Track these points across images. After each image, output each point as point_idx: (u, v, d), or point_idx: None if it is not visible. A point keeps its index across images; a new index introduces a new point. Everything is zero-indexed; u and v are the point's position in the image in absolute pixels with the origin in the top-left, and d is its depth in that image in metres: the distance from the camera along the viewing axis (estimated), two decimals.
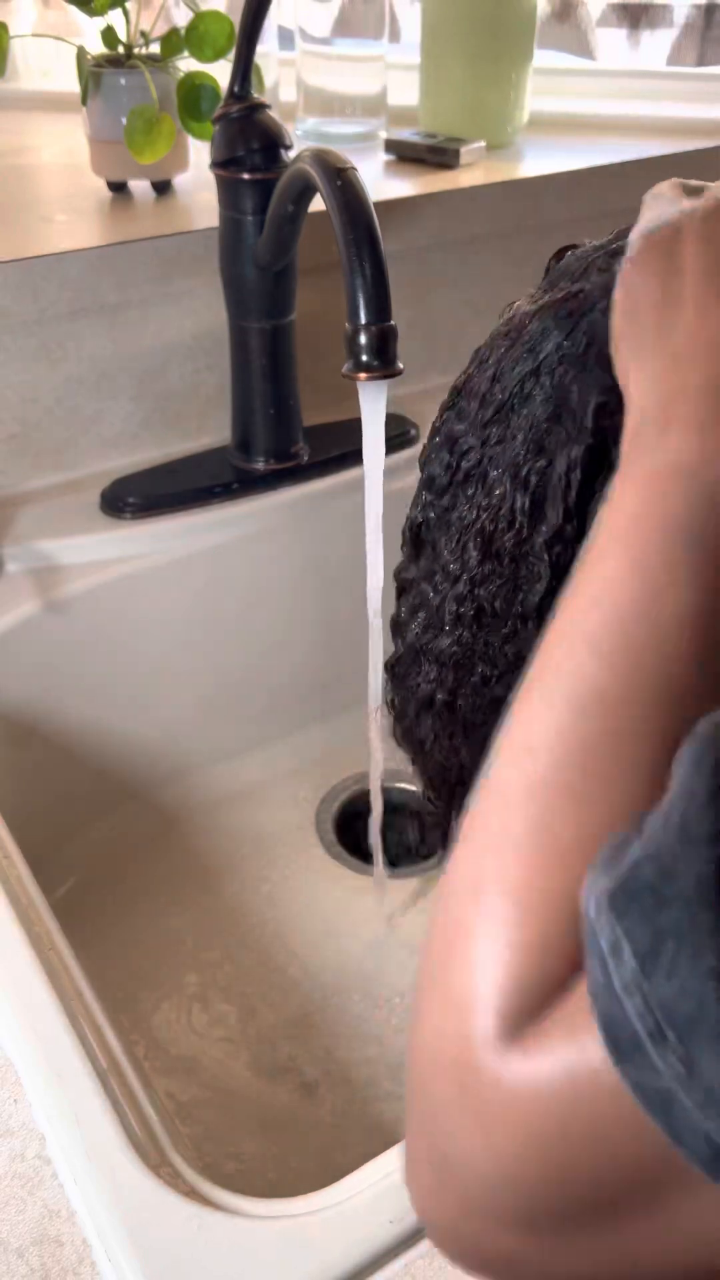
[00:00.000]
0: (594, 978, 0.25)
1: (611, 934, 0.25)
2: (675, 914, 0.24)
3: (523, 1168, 0.26)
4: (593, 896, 0.26)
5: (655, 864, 0.25)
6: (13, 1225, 0.39)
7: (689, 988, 0.23)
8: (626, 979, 0.24)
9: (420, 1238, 0.40)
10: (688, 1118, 0.23)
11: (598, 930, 0.25)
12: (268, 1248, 0.39)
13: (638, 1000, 0.24)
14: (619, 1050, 0.24)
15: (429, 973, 0.30)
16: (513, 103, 1.00)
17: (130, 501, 0.78)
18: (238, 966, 0.73)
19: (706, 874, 0.24)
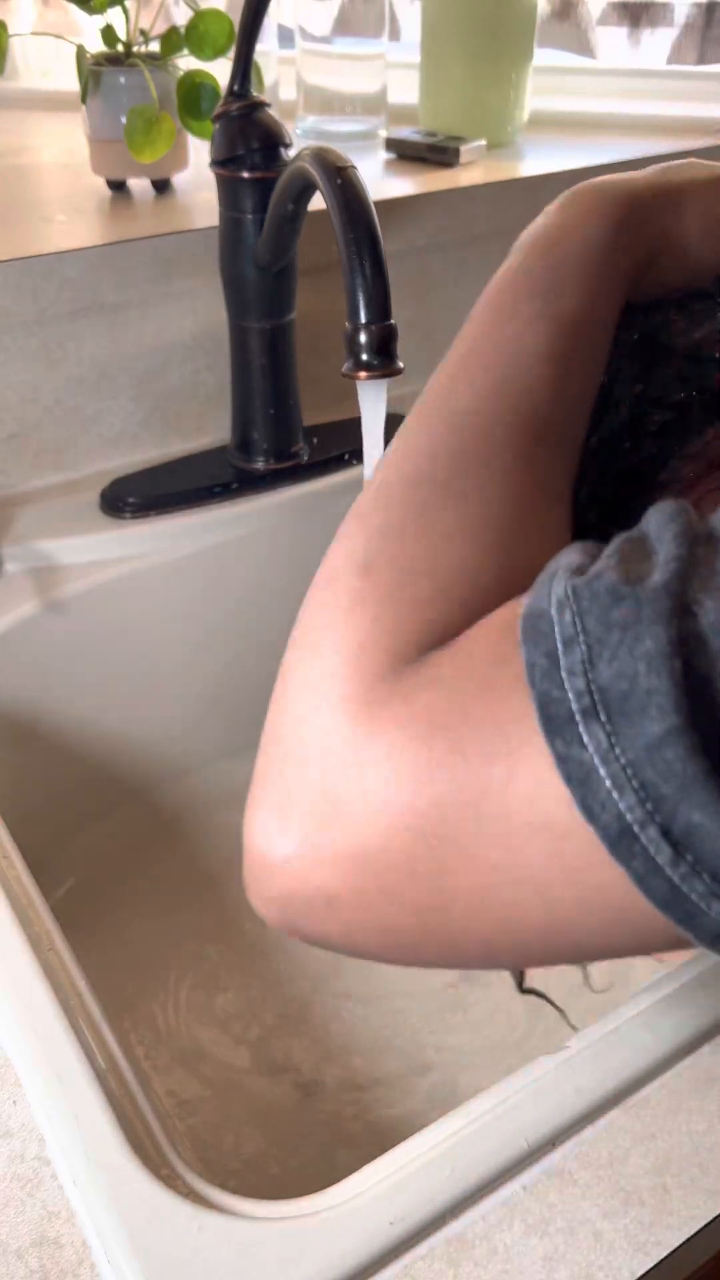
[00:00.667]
0: (534, 662, 0.26)
1: (571, 627, 0.26)
2: (626, 609, 0.25)
3: (382, 793, 0.27)
4: (551, 597, 0.27)
5: (620, 573, 0.26)
6: (12, 1226, 0.39)
7: (625, 669, 0.25)
8: (574, 664, 0.25)
9: (421, 1239, 0.40)
10: (602, 792, 0.24)
11: (556, 622, 0.26)
12: (268, 1248, 0.39)
13: (579, 681, 0.25)
14: (551, 723, 0.25)
15: (301, 639, 0.32)
16: (513, 102, 1.00)
17: (130, 501, 0.78)
18: (237, 967, 0.73)
19: (658, 580, 0.26)
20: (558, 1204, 0.41)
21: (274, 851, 0.29)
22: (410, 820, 0.27)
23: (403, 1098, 0.66)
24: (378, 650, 0.29)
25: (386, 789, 0.27)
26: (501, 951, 0.29)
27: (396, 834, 0.27)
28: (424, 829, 0.27)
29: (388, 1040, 0.69)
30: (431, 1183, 0.41)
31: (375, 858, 0.27)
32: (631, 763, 0.24)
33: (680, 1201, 0.41)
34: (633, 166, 0.91)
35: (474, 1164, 0.41)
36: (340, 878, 0.28)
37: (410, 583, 0.30)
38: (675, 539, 0.27)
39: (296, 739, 0.30)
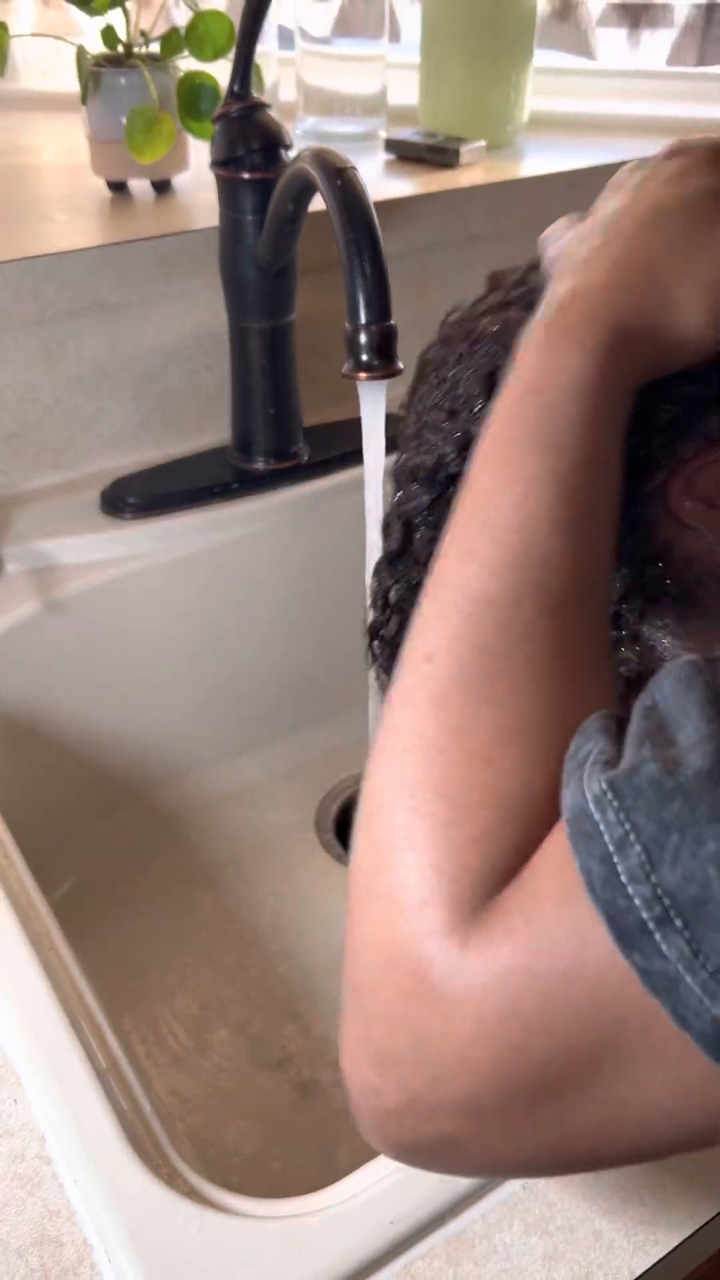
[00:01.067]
0: (589, 868, 0.26)
1: (620, 827, 0.25)
2: (678, 806, 0.25)
3: (477, 1053, 0.27)
4: (587, 793, 0.26)
5: (658, 762, 0.26)
6: (13, 1225, 0.39)
7: (693, 874, 0.24)
8: (634, 870, 0.25)
9: (421, 1237, 0.40)
10: (693, 1000, 0.24)
11: (602, 825, 0.26)
12: (268, 1248, 0.39)
13: (644, 889, 0.25)
14: (625, 938, 0.25)
15: (365, 882, 0.30)
16: (513, 102, 1.00)
17: (130, 501, 0.78)
18: (238, 966, 0.73)
19: (702, 768, 0.25)
20: (557, 1203, 0.41)
21: (383, 1107, 0.29)
22: (512, 1076, 0.27)
23: None
24: (444, 904, 0.28)
25: (483, 1051, 0.27)
26: (639, 1158, 0.29)
27: (504, 1088, 0.27)
28: (529, 1084, 0.27)
29: None
30: (431, 1181, 0.41)
31: (487, 1108, 0.27)
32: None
33: (680, 1201, 0.41)
34: None
35: None
36: (455, 1125, 0.28)
37: (463, 818, 0.29)
38: (701, 710, 0.26)
39: (380, 999, 0.29)
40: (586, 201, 0.49)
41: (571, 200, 0.48)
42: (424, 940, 0.28)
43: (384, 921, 0.29)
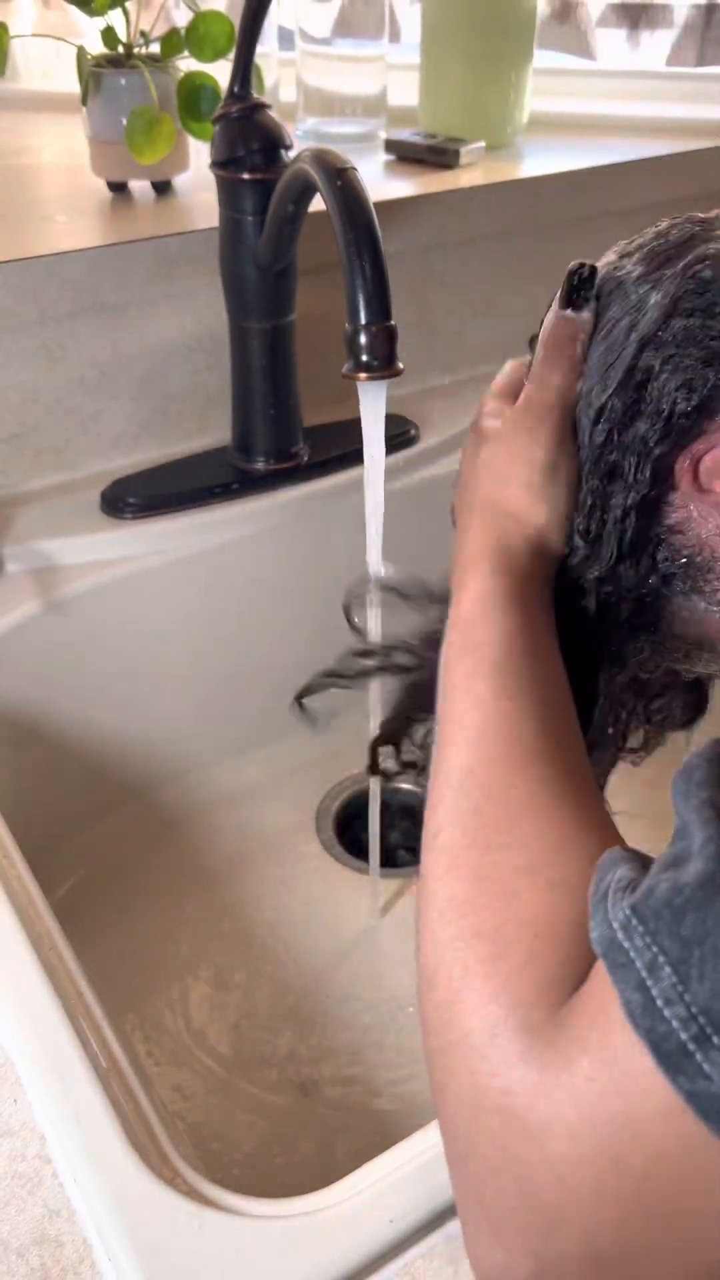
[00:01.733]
0: (629, 999, 0.26)
1: (648, 952, 0.26)
2: (691, 920, 0.25)
3: (580, 1175, 0.27)
4: (613, 923, 0.27)
5: (669, 880, 0.27)
6: (13, 1225, 0.39)
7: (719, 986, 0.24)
8: (666, 991, 0.25)
9: (421, 1237, 0.40)
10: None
11: (632, 952, 0.26)
12: (268, 1246, 0.39)
13: (680, 1010, 0.25)
14: (670, 1064, 0.25)
15: (438, 1042, 0.32)
16: (513, 103, 1.00)
17: (130, 501, 0.78)
18: (238, 966, 0.73)
19: (704, 873, 0.26)
20: None
21: (510, 1274, 0.29)
22: (621, 1199, 0.27)
23: (402, 1096, 0.66)
24: (511, 1033, 0.30)
25: (585, 1172, 0.27)
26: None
27: (618, 1215, 0.27)
28: (642, 1207, 0.27)
29: (387, 1039, 0.69)
30: (431, 1181, 0.41)
31: (606, 1250, 0.28)
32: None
33: None
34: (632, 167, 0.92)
35: None
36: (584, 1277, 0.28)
37: (505, 952, 0.31)
38: (700, 812, 0.28)
39: (479, 1154, 0.30)
40: (586, 202, 0.49)
41: (572, 200, 0.49)
42: (501, 1074, 0.29)
43: (462, 1070, 0.31)
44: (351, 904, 0.78)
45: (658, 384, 0.41)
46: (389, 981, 0.72)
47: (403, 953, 0.74)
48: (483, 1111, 0.29)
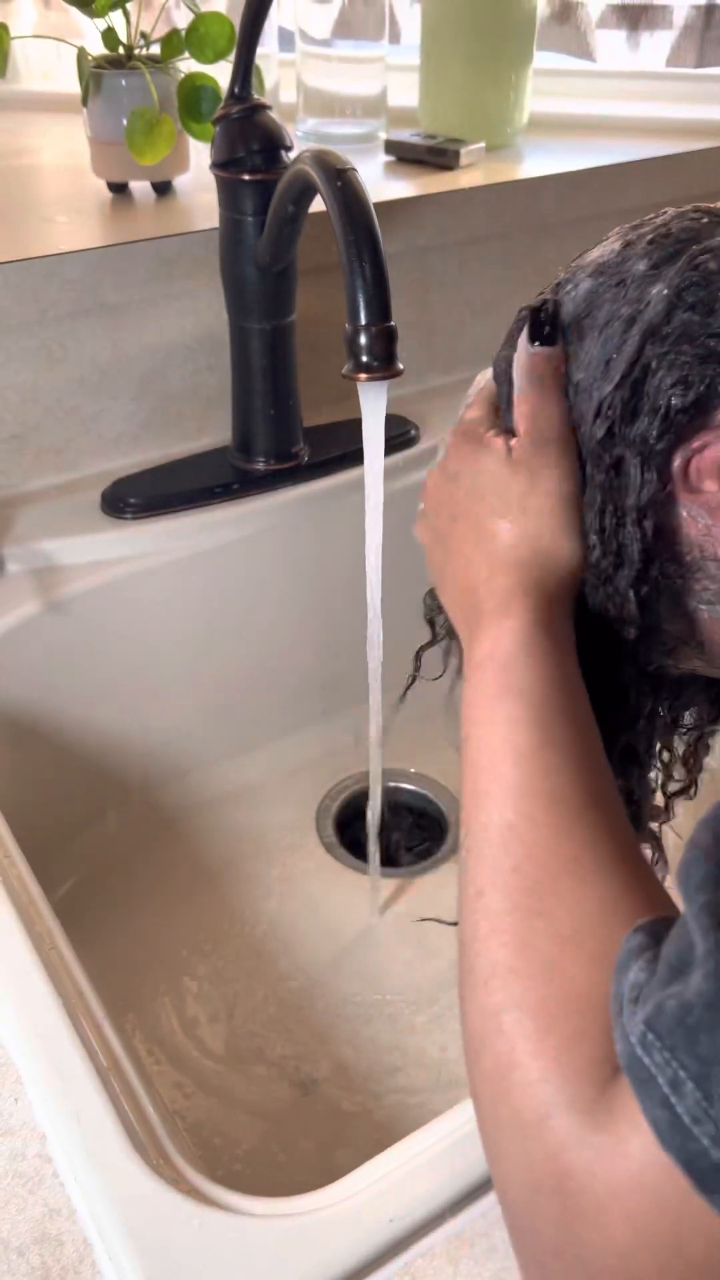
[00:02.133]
0: (655, 1116, 0.27)
1: (669, 1069, 0.26)
2: (705, 1040, 0.26)
3: (640, 1260, 0.27)
4: (631, 1038, 0.28)
5: (676, 997, 0.27)
6: (13, 1224, 0.39)
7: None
8: (693, 1109, 0.26)
9: (421, 1236, 0.40)
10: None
11: (653, 1069, 0.27)
12: (268, 1247, 0.39)
13: (709, 1128, 0.25)
14: (706, 1184, 0.25)
15: (489, 1115, 0.33)
16: (512, 104, 1.00)
17: (131, 502, 0.78)
18: (238, 966, 0.73)
19: (708, 991, 0.26)
20: None
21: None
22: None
23: (402, 1096, 0.66)
24: (563, 1113, 0.30)
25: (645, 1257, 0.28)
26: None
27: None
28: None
29: (387, 1039, 0.69)
30: (431, 1180, 0.41)
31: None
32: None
33: None
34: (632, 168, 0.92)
35: (473, 1161, 0.41)
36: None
37: (550, 1027, 0.32)
38: (697, 919, 0.28)
39: (539, 1233, 0.31)
40: (586, 202, 0.49)
41: (571, 201, 0.49)
42: (557, 1156, 0.29)
43: (517, 1150, 0.31)
44: (351, 904, 0.78)
45: (654, 380, 0.41)
46: (389, 981, 0.72)
47: (402, 952, 0.74)
48: (541, 1192, 0.30)
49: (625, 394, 0.41)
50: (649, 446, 0.41)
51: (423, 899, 0.78)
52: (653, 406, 0.41)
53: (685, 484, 0.41)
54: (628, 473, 0.42)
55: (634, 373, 0.41)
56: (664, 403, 0.41)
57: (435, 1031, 0.69)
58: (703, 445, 0.41)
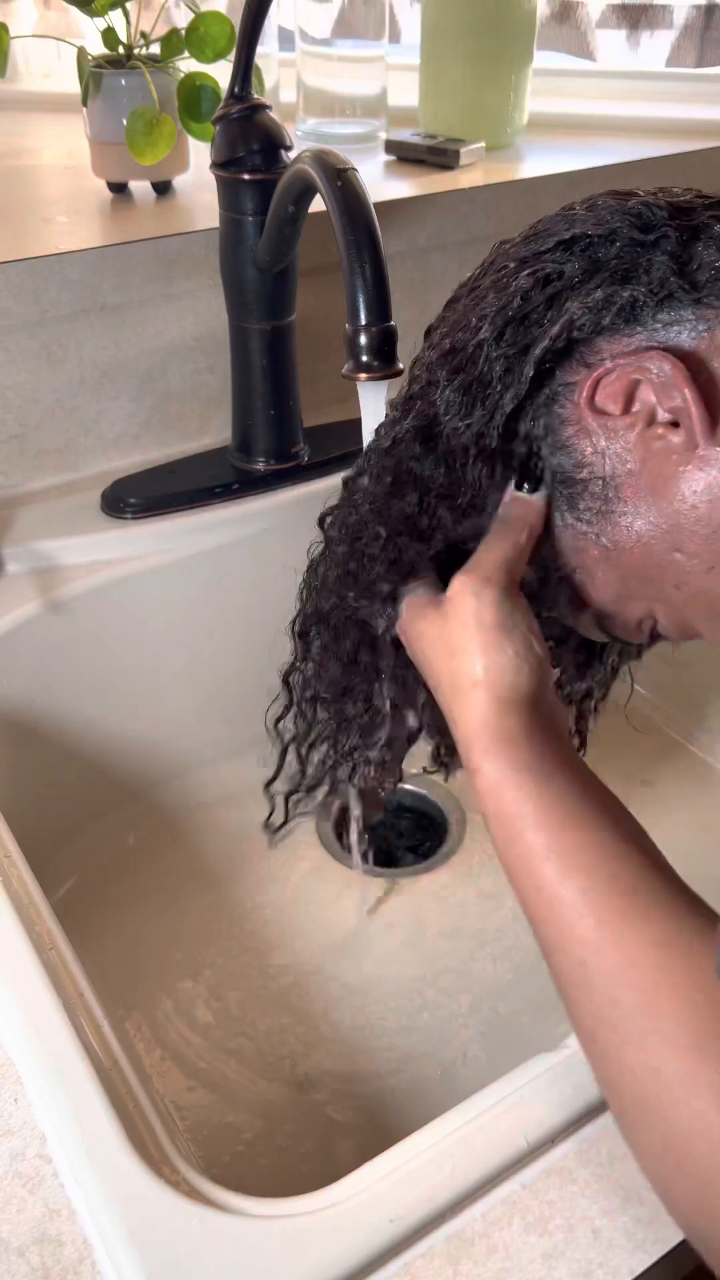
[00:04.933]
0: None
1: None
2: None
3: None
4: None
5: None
6: (13, 1224, 0.39)
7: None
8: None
9: (421, 1237, 0.40)
10: None
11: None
12: (268, 1246, 0.39)
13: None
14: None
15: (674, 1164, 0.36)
16: (512, 104, 1.00)
17: (131, 502, 0.78)
18: (238, 966, 0.73)
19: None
20: (557, 1202, 0.41)
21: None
22: None
23: (402, 1096, 0.66)
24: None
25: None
26: None
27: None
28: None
29: (387, 1039, 0.69)
30: (431, 1180, 0.41)
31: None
32: None
33: None
34: (632, 168, 0.92)
35: (473, 1161, 0.41)
36: None
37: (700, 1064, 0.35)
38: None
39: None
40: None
41: (571, 200, 0.49)
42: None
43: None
44: (352, 904, 0.78)
45: (565, 295, 0.44)
46: (389, 981, 0.72)
47: (402, 951, 0.74)
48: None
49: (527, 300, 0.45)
50: (550, 346, 0.44)
51: (423, 899, 0.78)
52: (558, 316, 0.44)
53: (590, 403, 0.44)
54: (514, 371, 0.44)
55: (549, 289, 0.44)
56: (575, 311, 0.43)
57: (436, 1031, 0.69)
58: (614, 369, 0.43)
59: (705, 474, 0.42)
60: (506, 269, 0.47)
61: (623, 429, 0.43)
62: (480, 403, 0.45)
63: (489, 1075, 0.47)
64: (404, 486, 0.47)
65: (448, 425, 0.46)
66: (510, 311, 0.45)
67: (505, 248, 0.49)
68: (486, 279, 0.48)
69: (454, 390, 0.46)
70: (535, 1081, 0.44)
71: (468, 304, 0.48)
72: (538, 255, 0.46)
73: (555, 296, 0.44)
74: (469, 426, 0.45)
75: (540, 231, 0.47)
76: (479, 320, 0.46)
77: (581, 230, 0.45)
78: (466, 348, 0.46)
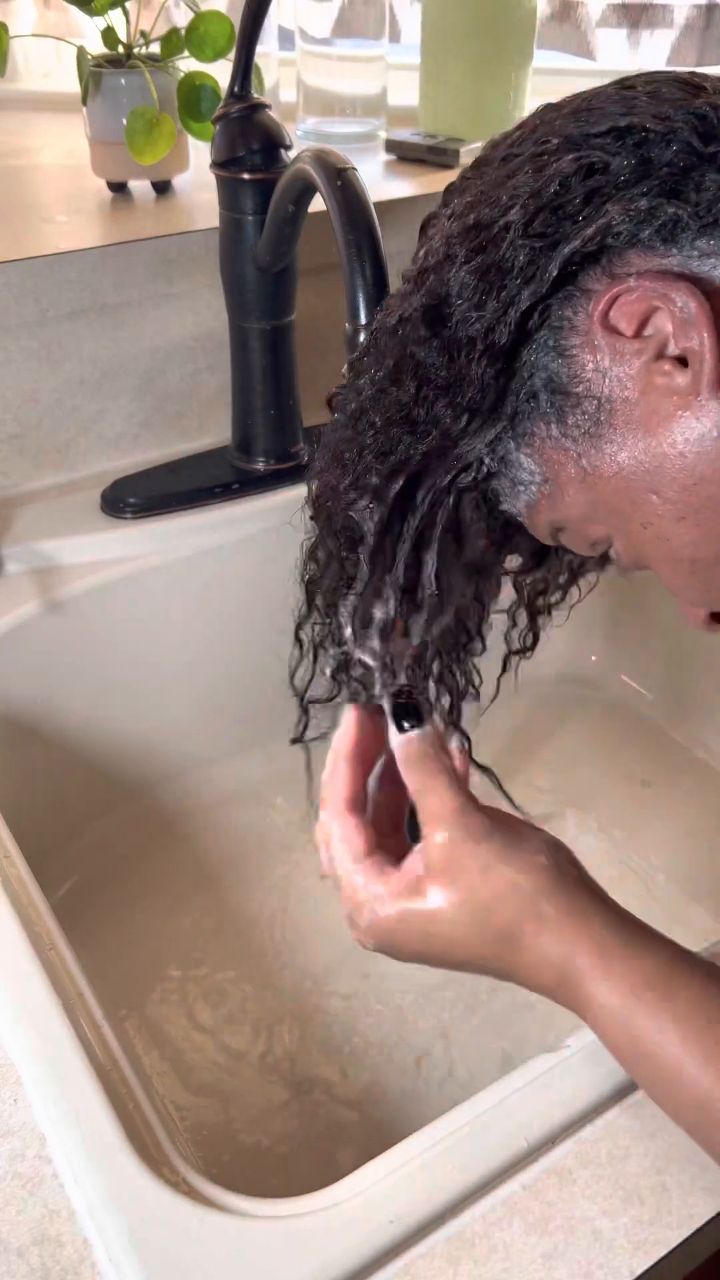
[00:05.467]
0: None
1: None
2: None
3: None
4: None
5: None
6: (13, 1225, 0.39)
7: None
8: None
9: (421, 1237, 0.40)
10: None
11: None
12: (268, 1247, 0.39)
13: None
14: None
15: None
16: (513, 103, 1.00)
17: (130, 502, 0.78)
18: (238, 966, 0.73)
19: None
20: (557, 1202, 0.41)
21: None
22: None
23: (402, 1096, 0.66)
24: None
25: None
26: None
27: None
28: None
29: (388, 1039, 0.69)
30: (431, 1181, 0.41)
31: None
32: None
33: (679, 1200, 0.41)
34: None
35: (474, 1162, 0.41)
36: None
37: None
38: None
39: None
40: None
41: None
42: None
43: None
44: None
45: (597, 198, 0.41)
46: (390, 981, 0.72)
47: None
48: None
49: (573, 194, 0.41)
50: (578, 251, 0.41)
51: None
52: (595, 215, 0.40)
53: (604, 319, 0.41)
54: (537, 262, 0.41)
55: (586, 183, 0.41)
56: (615, 216, 0.40)
57: (436, 1032, 0.69)
58: (636, 287, 0.40)
59: (700, 423, 0.40)
60: (549, 145, 0.42)
61: (629, 353, 0.41)
62: (496, 292, 0.42)
63: (489, 1076, 0.47)
64: (403, 373, 0.44)
65: (458, 310, 0.43)
66: (545, 197, 0.41)
67: (551, 116, 0.44)
68: (525, 147, 0.43)
69: (470, 272, 0.42)
70: (535, 1082, 0.44)
71: (498, 173, 0.44)
72: (586, 138, 0.42)
73: (596, 191, 0.40)
74: (480, 318, 0.42)
75: (594, 107, 0.43)
76: (510, 199, 0.42)
77: (640, 121, 0.41)
78: (492, 226, 0.42)
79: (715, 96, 0.41)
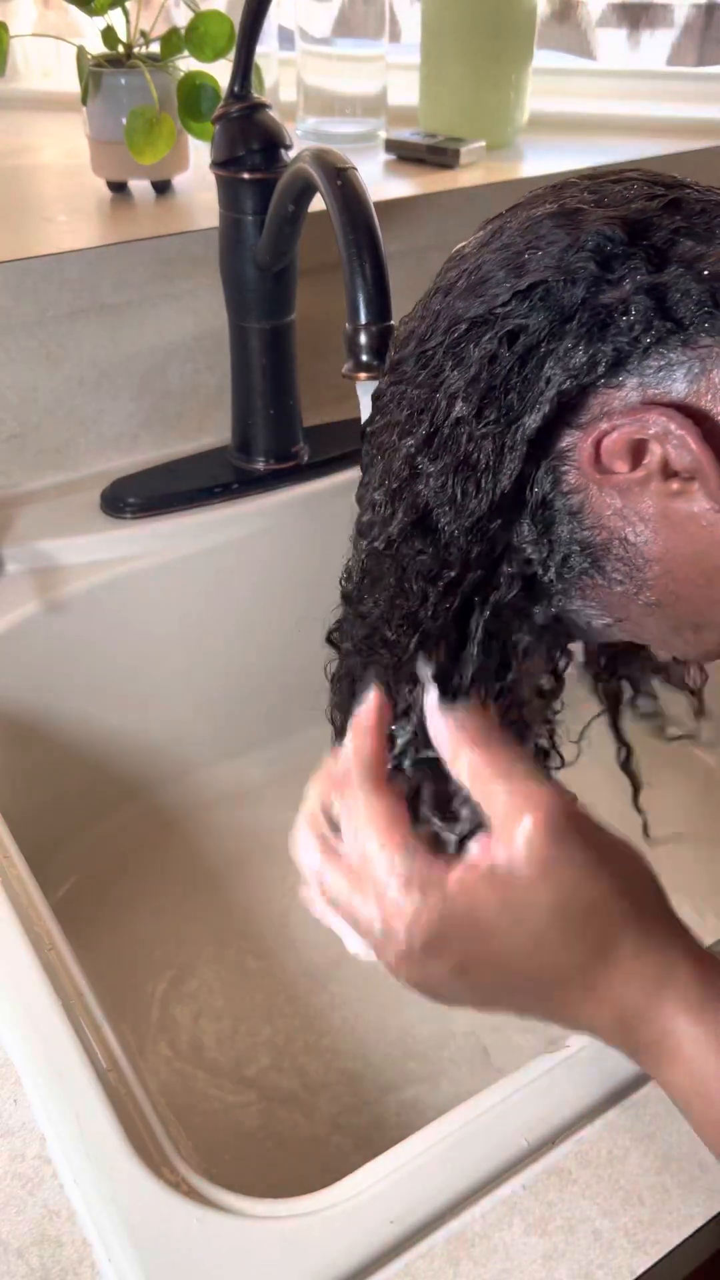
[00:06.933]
0: None
1: None
2: None
3: None
4: None
5: None
6: (13, 1225, 0.39)
7: None
8: None
9: (421, 1237, 0.40)
10: None
11: None
12: (268, 1248, 0.39)
13: None
14: None
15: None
16: (513, 103, 1.00)
17: (130, 501, 0.78)
18: (238, 966, 0.73)
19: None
20: (557, 1203, 0.41)
21: None
22: None
23: (402, 1097, 0.66)
24: None
25: None
26: None
27: None
28: None
29: (387, 1040, 0.69)
30: (431, 1181, 0.41)
31: None
32: None
33: (679, 1200, 0.41)
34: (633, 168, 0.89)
35: (474, 1162, 0.41)
36: None
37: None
38: None
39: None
40: None
41: None
42: None
43: None
44: None
45: (539, 357, 0.40)
46: (390, 981, 0.72)
47: None
48: None
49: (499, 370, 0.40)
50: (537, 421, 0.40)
51: None
52: (537, 377, 0.40)
53: (595, 465, 0.41)
54: (504, 453, 0.41)
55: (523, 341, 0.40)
56: (558, 378, 0.40)
57: (436, 1032, 0.69)
58: (612, 428, 0.40)
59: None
60: (458, 332, 0.42)
61: (637, 484, 0.40)
62: (475, 486, 0.42)
63: (489, 1077, 0.47)
64: (409, 582, 0.45)
65: (443, 516, 0.42)
66: (483, 381, 0.41)
67: (444, 303, 0.43)
68: (434, 340, 0.43)
69: (442, 477, 0.42)
70: (535, 1082, 0.44)
71: (424, 375, 0.43)
72: (492, 313, 0.41)
73: (529, 351, 0.40)
74: (470, 514, 0.42)
75: (485, 278, 0.41)
76: (448, 399, 0.42)
77: (536, 276, 0.40)
78: (442, 430, 0.42)
79: (594, 216, 0.40)
